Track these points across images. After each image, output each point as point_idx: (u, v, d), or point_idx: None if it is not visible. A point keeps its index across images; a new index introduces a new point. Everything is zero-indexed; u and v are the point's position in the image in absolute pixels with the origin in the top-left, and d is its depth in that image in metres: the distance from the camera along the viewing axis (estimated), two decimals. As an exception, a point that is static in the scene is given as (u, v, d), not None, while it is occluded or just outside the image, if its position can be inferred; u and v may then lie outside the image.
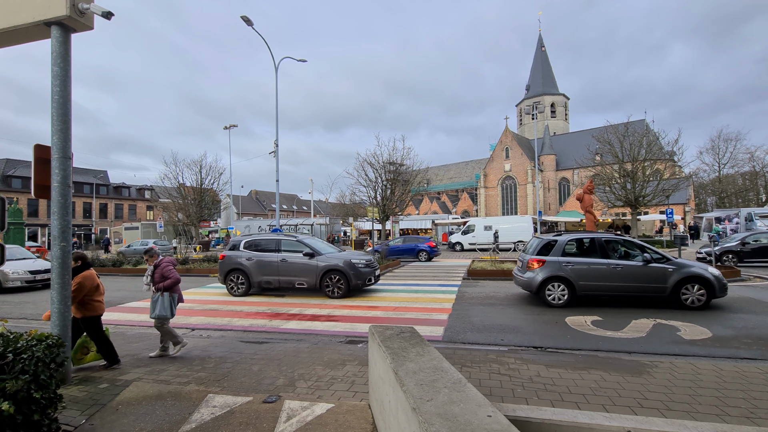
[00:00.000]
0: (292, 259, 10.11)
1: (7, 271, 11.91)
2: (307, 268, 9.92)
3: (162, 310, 5.27)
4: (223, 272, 10.55)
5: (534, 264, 8.47)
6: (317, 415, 3.46)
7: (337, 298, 9.59)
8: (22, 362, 2.79)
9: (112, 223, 53.09)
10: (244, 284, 10.28)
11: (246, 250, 10.57)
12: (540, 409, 2.55)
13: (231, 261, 10.49)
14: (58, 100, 4.07)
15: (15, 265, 12.41)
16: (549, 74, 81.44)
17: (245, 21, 16.82)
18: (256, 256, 10.35)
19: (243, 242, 10.86)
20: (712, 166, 47.58)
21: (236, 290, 10.33)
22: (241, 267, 10.33)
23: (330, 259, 9.93)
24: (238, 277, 10.35)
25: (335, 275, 9.73)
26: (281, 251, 10.33)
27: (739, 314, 7.24)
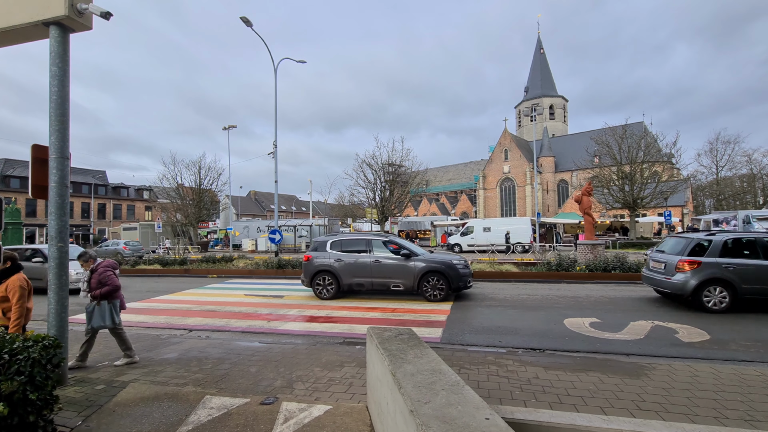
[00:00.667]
0: (386, 260, 9.63)
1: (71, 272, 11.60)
2: (403, 270, 9.44)
3: (100, 321, 4.83)
4: (310, 274, 9.97)
5: (686, 266, 7.79)
6: (315, 417, 3.45)
7: (436, 301, 9.08)
8: (18, 363, 2.77)
9: (111, 223, 52.99)
10: (333, 286, 9.78)
11: (333, 251, 10.06)
12: (538, 412, 2.55)
13: (318, 262, 9.97)
14: (56, 100, 4.06)
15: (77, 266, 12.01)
16: (548, 76, 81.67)
17: (244, 22, 16.83)
18: (345, 257, 9.87)
19: (329, 243, 10.28)
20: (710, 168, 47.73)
21: (325, 293, 9.80)
22: (329, 269, 9.82)
23: (428, 260, 9.45)
24: (326, 280, 9.83)
25: (435, 277, 9.21)
26: (373, 252, 9.87)
27: (737, 316, 7.25)
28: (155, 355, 5.49)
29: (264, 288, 12.13)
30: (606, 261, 12.57)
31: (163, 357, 5.37)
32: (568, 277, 12.21)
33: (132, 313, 8.69)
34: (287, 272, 15.29)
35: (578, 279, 12.06)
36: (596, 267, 12.38)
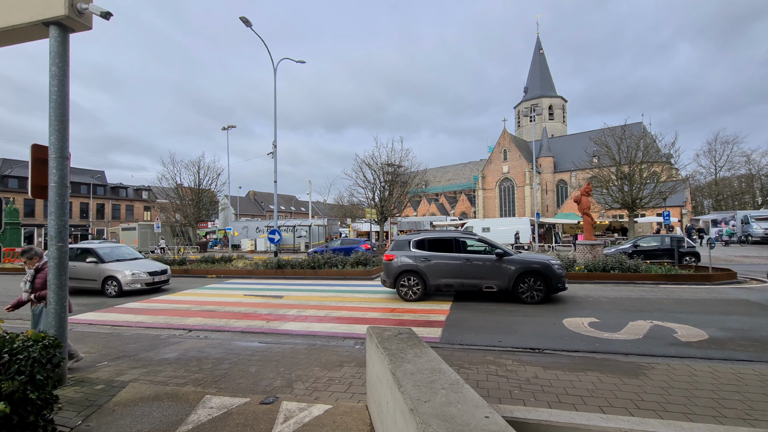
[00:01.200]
0: (477, 259, 9.14)
1: (127, 273, 10.96)
2: (497, 270, 8.94)
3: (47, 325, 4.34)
4: (393, 275, 9.48)
5: None
6: (315, 416, 3.46)
7: (533, 303, 8.61)
8: (18, 363, 2.77)
9: (110, 223, 52.92)
10: (419, 287, 9.28)
11: (418, 250, 9.55)
12: (537, 410, 2.56)
13: (402, 262, 9.45)
14: (55, 100, 4.06)
15: (132, 266, 11.46)
16: (547, 77, 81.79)
17: (244, 22, 16.83)
18: (432, 257, 9.36)
19: (412, 241, 9.75)
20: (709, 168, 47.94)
21: (411, 294, 9.30)
22: (415, 269, 9.32)
23: (524, 260, 8.99)
24: (411, 281, 9.34)
25: (532, 278, 8.72)
26: (463, 251, 9.44)
27: (735, 316, 7.27)
28: (155, 355, 5.49)
29: (263, 288, 12.13)
30: (605, 261, 12.59)
31: (162, 357, 5.37)
32: (567, 277, 12.21)
33: (131, 313, 8.69)
34: (286, 272, 15.29)
35: (577, 279, 12.07)
36: (595, 267, 12.41)
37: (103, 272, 11.03)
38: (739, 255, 20.07)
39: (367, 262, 15.35)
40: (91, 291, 11.29)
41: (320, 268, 15.26)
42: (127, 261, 11.89)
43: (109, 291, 10.93)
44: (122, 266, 11.26)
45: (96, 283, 11.10)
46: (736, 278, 11.63)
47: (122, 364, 5.09)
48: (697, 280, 11.34)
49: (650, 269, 12.10)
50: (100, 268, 11.11)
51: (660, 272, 11.80)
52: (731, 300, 8.78)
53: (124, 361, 5.18)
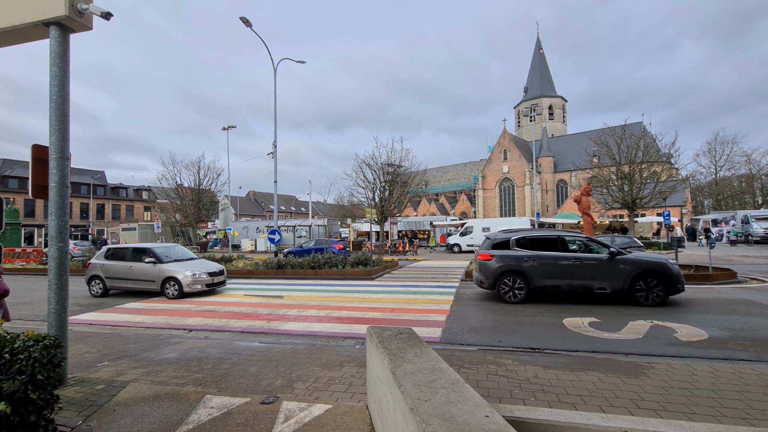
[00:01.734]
0: (588, 259, 8.65)
1: (188, 274, 10.40)
2: (610, 271, 8.45)
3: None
4: (493, 275, 8.95)
5: None
6: (315, 416, 3.46)
7: (653, 305, 8.14)
8: (19, 363, 2.77)
9: (110, 223, 52.96)
10: (523, 289, 8.80)
11: (520, 250, 9.05)
12: (537, 410, 2.57)
13: (503, 262, 8.95)
14: (56, 100, 4.07)
15: (191, 266, 10.88)
16: (547, 76, 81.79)
17: (244, 22, 16.84)
18: (537, 257, 8.85)
19: (512, 240, 9.22)
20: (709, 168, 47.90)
21: (514, 296, 8.83)
22: (518, 269, 8.83)
23: (640, 260, 8.47)
24: (515, 281, 8.83)
25: (651, 279, 8.20)
26: (571, 250, 8.96)
27: (735, 316, 7.28)
28: (155, 355, 5.50)
29: (263, 288, 12.14)
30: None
31: (163, 357, 5.38)
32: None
33: (132, 314, 8.69)
34: (287, 272, 15.29)
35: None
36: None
37: (162, 273, 10.50)
38: (739, 255, 20.07)
39: (367, 262, 15.36)
40: (148, 292, 10.97)
41: (320, 268, 15.26)
42: (183, 261, 11.36)
43: (169, 293, 10.38)
44: (181, 267, 10.71)
45: (154, 285, 10.59)
46: (736, 278, 11.63)
47: (123, 364, 5.09)
48: (697, 280, 11.34)
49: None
50: (159, 269, 10.57)
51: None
52: (731, 300, 8.78)
53: (125, 361, 5.19)
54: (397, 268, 17.72)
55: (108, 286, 11.16)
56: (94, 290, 11.20)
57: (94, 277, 11.26)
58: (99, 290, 11.16)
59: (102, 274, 11.17)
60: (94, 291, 11.20)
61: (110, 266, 11.20)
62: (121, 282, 11.09)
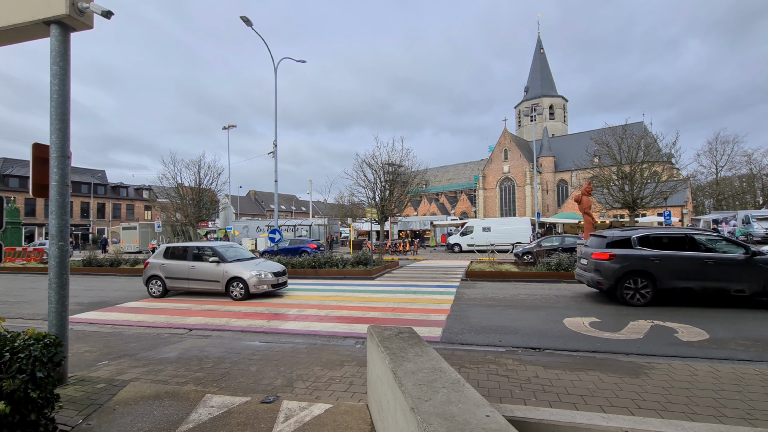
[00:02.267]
0: (722, 259, 8.11)
1: (254, 274, 9.94)
2: (748, 271, 7.89)
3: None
4: (615, 276, 8.36)
5: None
6: (315, 415, 3.46)
7: None
8: (20, 361, 2.77)
9: (110, 222, 52.99)
10: (649, 291, 8.19)
11: (644, 249, 8.46)
12: (538, 410, 2.56)
13: (628, 261, 8.33)
14: (57, 99, 4.06)
15: (254, 266, 10.41)
16: (548, 76, 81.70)
17: (245, 21, 16.83)
18: (663, 256, 8.28)
19: (635, 237, 8.63)
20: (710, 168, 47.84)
21: (639, 298, 8.22)
22: (644, 269, 8.24)
23: None
24: (639, 282, 8.24)
25: None
26: (700, 249, 8.34)
27: (736, 316, 7.26)
28: (155, 354, 5.50)
29: (264, 287, 12.12)
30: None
31: (163, 356, 5.38)
32: (568, 277, 12.21)
33: (132, 313, 8.70)
34: (287, 272, 15.28)
35: (578, 279, 12.07)
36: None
37: (227, 273, 10.03)
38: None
39: (367, 262, 15.36)
40: (211, 293, 10.46)
41: (320, 267, 15.26)
42: (246, 261, 10.88)
43: (234, 293, 9.91)
44: (246, 266, 10.25)
45: (218, 285, 10.13)
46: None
47: (123, 363, 5.10)
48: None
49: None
50: (223, 269, 10.09)
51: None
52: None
53: (125, 360, 5.19)
54: (397, 267, 17.72)
55: (168, 286, 10.60)
56: (153, 290, 10.64)
57: (153, 277, 10.69)
58: (158, 291, 10.59)
59: (161, 274, 10.58)
60: (153, 291, 10.63)
61: (170, 266, 10.60)
62: (182, 282, 10.51)
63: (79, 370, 4.80)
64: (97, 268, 17.84)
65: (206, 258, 10.44)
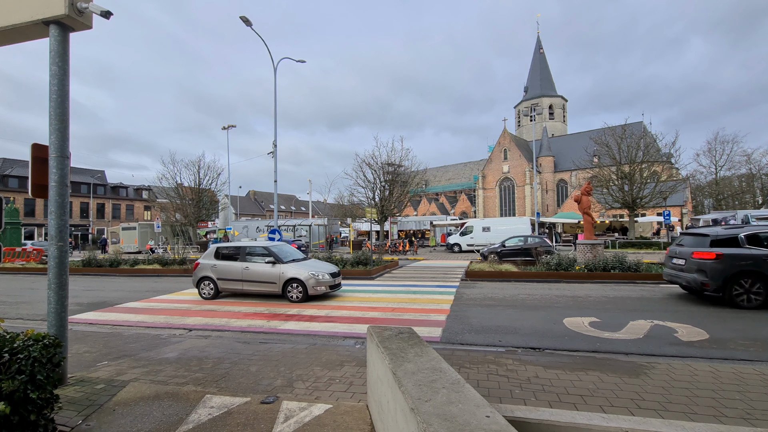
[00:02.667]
0: None
1: (312, 275, 9.53)
2: None
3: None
4: (723, 276, 7.84)
5: None
6: (315, 416, 3.46)
7: None
8: (19, 362, 2.77)
9: (110, 223, 52.94)
10: (762, 292, 7.68)
11: (755, 247, 7.91)
12: (538, 410, 2.56)
13: (738, 261, 7.79)
14: (56, 99, 4.06)
15: (310, 267, 9.98)
16: (547, 76, 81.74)
17: (244, 21, 16.82)
18: None
19: (742, 236, 8.10)
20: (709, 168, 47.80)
21: (750, 300, 7.73)
22: (758, 270, 7.72)
23: None
24: (753, 284, 7.71)
25: None
26: None
27: (736, 316, 7.27)
28: (155, 354, 5.49)
29: (263, 288, 12.11)
30: (605, 260, 12.59)
31: (163, 356, 5.37)
32: (568, 277, 12.23)
33: (131, 313, 8.69)
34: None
35: (577, 278, 12.08)
36: (595, 267, 12.40)
37: (284, 274, 9.60)
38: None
39: (367, 262, 15.36)
40: (266, 295, 10.04)
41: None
42: (300, 261, 10.45)
43: (292, 295, 9.48)
44: (302, 267, 9.85)
45: (275, 287, 9.70)
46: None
47: (123, 363, 5.09)
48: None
49: (650, 269, 12.10)
50: (280, 270, 9.67)
51: (660, 272, 11.78)
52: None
53: (125, 361, 5.18)
54: (397, 267, 17.72)
55: (220, 288, 10.18)
56: (205, 292, 10.20)
57: (204, 279, 10.25)
58: (210, 292, 10.17)
59: (213, 275, 10.15)
60: (205, 293, 10.20)
61: (223, 267, 10.18)
62: (236, 284, 10.09)
63: (78, 370, 4.80)
64: (96, 268, 17.82)
65: (261, 259, 10.06)
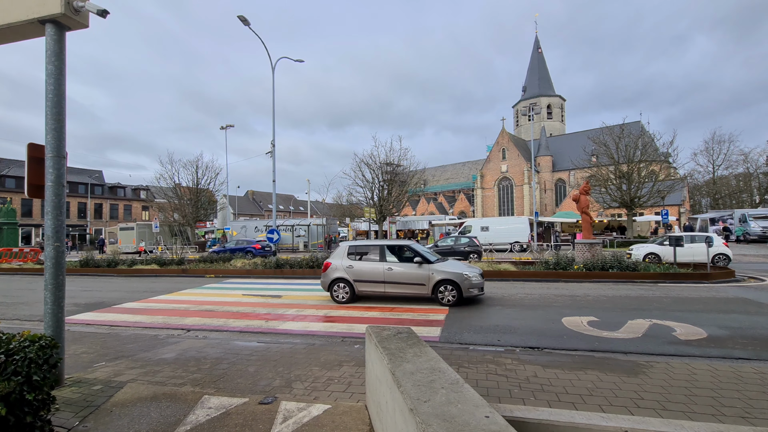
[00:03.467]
0: None
1: (467, 276, 8.77)
2: None
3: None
4: None
5: None
6: (314, 416, 3.44)
7: None
8: (15, 363, 2.75)
9: (107, 223, 52.77)
10: None
11: None
12: (537, 410, 2.55)
13: None
14: (52, 99, 4.03)
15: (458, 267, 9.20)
16: (545, 76, 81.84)
17: (242, 21, 16.79)
18: None
19: None
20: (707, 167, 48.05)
21: None
22: None
23: None
24: None
25: None
26: None
27: (734, 315, 7.29)
28: (153, 355, 5.47)
29: (262, 288, 12.11)
30: (604, 260, 12.60)
31: (160, 357, 5.35)
32: (566, 276, 12.24)
33: (129, 313, 8.65)
34: (285, 272, 15.27)
35: (576, 278, 12.09)
36: (594, 266, 12.42)
37: (434, 275, 8.78)
38: (737, 254, 20.13)
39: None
40: (410, 298, 9.31)
41: (319, 267, 15.22)
42: (443, 262, 9.60)
43: (445, 298, 8.69)
44: (452, 268, 9.07)
45: (423, 289, 8.89)
46: (734, 276, 11.66)
47: (120, 364, 5.07)
48: (696, 279, 11.36)
49: (648, 268, 12.13)
50: (430, 271, 8.85)
51: (658, 271, 11.82)
52: (730, 298, 8.80)
53: (122, 362, 5.16)
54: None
55: (357, 290, 9.24)
56: (340, 295, 9.31)
57: (338, 281, 9.36)
58: (345, 296, 9.27)
59: (349, 276, 9.25)
60: (340, 296, 9.31)
61: (360, 268, 9.29)
62: (376, 286, 9.17)
63: (75, 371, 4.77)
64: (94, 268, 17.76)
65: (406, 258, 9.33)
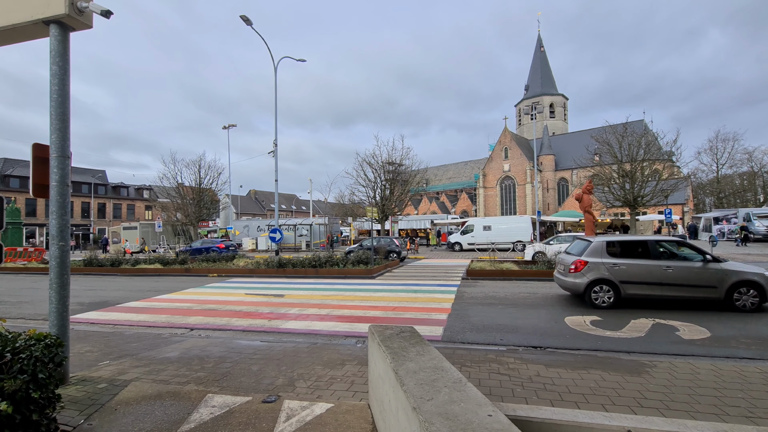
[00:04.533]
0: None
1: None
2: None
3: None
4: None
5: None
6: (317, 414, 3.46)
7: None
8: (21, 362, 2.77)
9: (111, 222, 52.99)
10: None
11: None
12: (540, 409, 2.55)
13: None
14: (56, 99, 4.05)
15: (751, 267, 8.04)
16: (548, 74, 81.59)
17: (244, 20, 16.81)
18: None
19: None
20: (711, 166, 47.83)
21: None
22: None
23: None
24: None
25: None
26: None
27: (737, 314, 7.25)
28: (156, 353, 5.50)
29: (264, 287, 12.14)
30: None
31: (164, 356, 5.38)
32: (569, 276, 12.19)
33: (133, 312, 8.70)
34: (287, 271, 15.30)
35: (579, 277, 12.04)
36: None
37: (728, 276, 7.58)
38: (741, 253, 20.02)
39: (368, 261, 15.36)
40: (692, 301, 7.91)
41: (321, 267, 15.27)
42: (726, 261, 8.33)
43: (745, 303, 7.49)
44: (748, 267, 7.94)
45: (714, 292, 7.66)
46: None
47: (124, 363, 5.10)
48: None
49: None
50: (722, 271, 7.66)
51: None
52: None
53: (126, 360, 5.19)
54: (398, 266, 17.71)
55: (624, 293, 7.98)
56: (602, 299, 8.04)
57: (597, 282, 8.09)
58: (608, 299, 8.00)
59: (613, 277, 8.00)
60: (601, 300, 8.04)
61: (628, 267, 8.02)
62: (651, 289, 7.92)
63: (80, 370, 4.80)
64: (97, 267, 17.86)
65: (681, 257, 8.18)
